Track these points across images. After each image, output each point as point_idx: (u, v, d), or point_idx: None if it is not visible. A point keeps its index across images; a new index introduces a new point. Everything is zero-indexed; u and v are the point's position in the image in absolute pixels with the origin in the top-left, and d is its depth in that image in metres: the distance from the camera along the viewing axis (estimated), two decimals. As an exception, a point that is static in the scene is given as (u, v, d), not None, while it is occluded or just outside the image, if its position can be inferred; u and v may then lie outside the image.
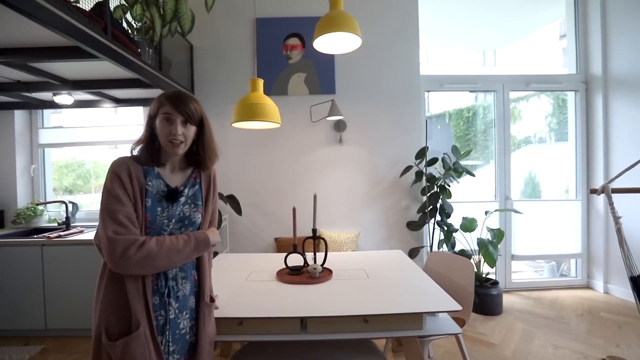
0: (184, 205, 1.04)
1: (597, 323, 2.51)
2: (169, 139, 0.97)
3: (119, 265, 0.87)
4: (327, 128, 2.98)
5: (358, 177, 3.00)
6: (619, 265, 2.99)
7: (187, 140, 1.01)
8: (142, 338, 0.91)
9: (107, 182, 0.93)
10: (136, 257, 0.87)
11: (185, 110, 0.98)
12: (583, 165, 3.23)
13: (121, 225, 0.89)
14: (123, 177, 0.93)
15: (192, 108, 1.00)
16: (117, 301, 0.92)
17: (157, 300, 0.98)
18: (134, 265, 0.88)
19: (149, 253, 0.89)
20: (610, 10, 3.00)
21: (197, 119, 1.02)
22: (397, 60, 3.01)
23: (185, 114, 0.98)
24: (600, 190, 1.55)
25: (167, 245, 0.93)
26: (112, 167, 0.95)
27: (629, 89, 2.87)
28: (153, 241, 0.91)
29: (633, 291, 1.50)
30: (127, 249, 0.87)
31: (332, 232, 2.90)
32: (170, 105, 0.97)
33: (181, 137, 0.98)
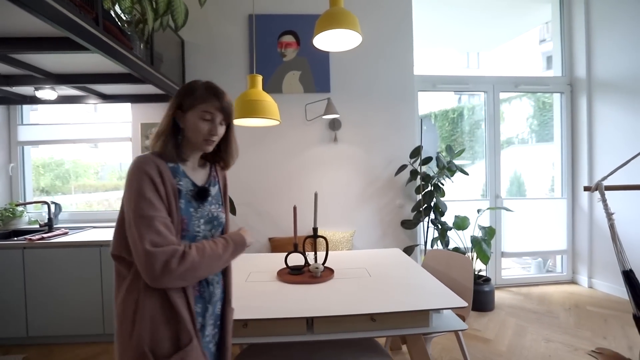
0: (211, 205, 0.96)
1: (584, 316, 2.60)
2: (205, 137, 0.90)
3: (159, 280, 0.76)
4: (322, 127, 2.96)
5: (353, 175, 3.00)
6: (602, 261, 3.11)
7: (219, 138, 0.95)
8: (197, 350, 0.84)
9: (134, 184, 0.80)
10: (179, 271, 0.77)
11: (227, 110, 0.93)
12: (568, 164, 3.34)
13: (158, 234, 0.77)
14: (154, 177, 0.81)
15: (231, 108, 0.95)
16: (160, 316, 0.81)
17: (200, 307, 0.90)
18: (176, 279, 0.78)
19: (192, 264, 0.79)
20: (594, 16, 3.11)
21: (231, 118, 0.97)
22: (391, 60, 3.02)
23: (226, 115, 0.94)
24: (594, 188, 1.59)
25: (208, 253, 0.84)
26: (138, 165, 0.82)
27: (611, 91, 2.98)
28: (194, 250, 0.81)
29: (625, 284, 1.55)
30: (167, 262, 0.76)
31: (327, 231, 2.88)
32: (214, 103, 0.90)
33: (217, 137, 0.93)
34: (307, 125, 2.95)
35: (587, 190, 1.60)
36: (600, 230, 3.11)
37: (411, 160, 2.90)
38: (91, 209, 3.21)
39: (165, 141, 0.88)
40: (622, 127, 2.90)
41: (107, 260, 2.25)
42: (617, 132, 2.95)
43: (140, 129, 2.87)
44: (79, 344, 2.29)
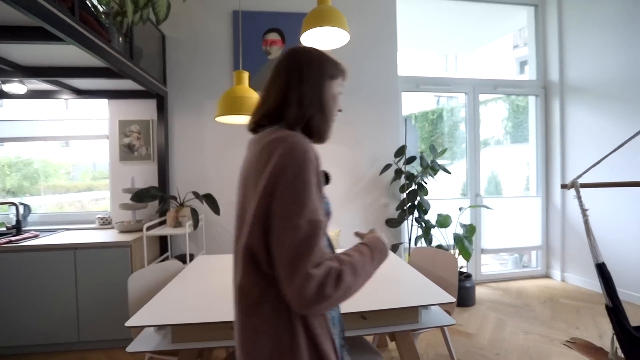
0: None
1: (558, 309, 2.72)
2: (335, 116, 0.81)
3: (309, 308, 0.59)
4: (307, 126, 2.95)
5: (338, 174, 3.01)
6: (574, 256, 3.27)
7: None
8: None
9: (302, 176, 0.60)
10: (334, 297, 0.59)
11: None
12: (542, 164, 3.49)
13: (319, 249, 0.59)
14: (318, 168, 0.64)
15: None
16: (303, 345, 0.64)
17: (336, 331, 0.74)
18: (328, 306, 0.60)
19: (347, 287, 0.61)
20: (566, 23, 3.27)
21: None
22: (376, 60, 3.05)
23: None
24: (570, 185, 1.67)
25: (359, 271, 0.65)
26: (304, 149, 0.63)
27: (582, 95, 3.15)
28: (347, 269, 0.62)
29: (598, 276, 1.63)
30: (323, 286, 0.58)
31: (312, 231, 2.87)
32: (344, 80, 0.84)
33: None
34: (293, 124, 2.93)
35: (564, 187, 1.68)
36: (572, 227, 3.28)
37: (395, 159, 2.95)
38: (63, 211, 3.04)
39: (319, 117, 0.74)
40: (592, 129, 3.06)
41: (82, 263, 2.14)
42: (587, 133, 3.11)
43: (118, 127, 2.75)
44: (52, 353, 2.17)
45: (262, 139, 0.70)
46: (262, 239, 0.62)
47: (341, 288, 0.60)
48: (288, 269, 0.58)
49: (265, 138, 0.68)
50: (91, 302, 2.15)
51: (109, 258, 2.16)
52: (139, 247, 2.27)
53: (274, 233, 0.60)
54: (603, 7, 2.95)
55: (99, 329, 2.17)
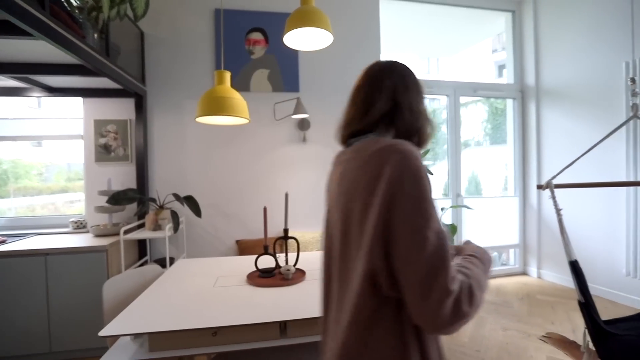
0: None
1: (534, 305, 2.82)
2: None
3: (446, 325, 0.53)
4: (291, 126, 2.93)
5: (322, 175, 3.00)
6: (549, 253, 3.40)
7: None
8: None
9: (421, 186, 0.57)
10: (469, 314, 0.55)
11: None
12: (520, 165, 3.61)
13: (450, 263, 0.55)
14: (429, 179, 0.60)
15: None
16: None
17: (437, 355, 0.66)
18: (463, 324, 0.55)
19: (478, 304, 0.57)
20: (541, 30, 3.40)
21: None
22: (359, 61, 3.07)
23: None
24: (545, 186, 1.73)
25: (482, 284, 0.61)
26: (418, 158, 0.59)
27: (557, 98, 3.27)
28: (474, 283, 0.58)
29: (572, 273, 1.69)
30: (459, 302, 0.53)
31: (296, 232, 2.85)
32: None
33: None
34: (276, 124, 2.90)
35: (540, 188, 1.73)
36: (547, 226, 3.40)
37: (379, 160, 2.97)
38: (34, 214, 2.90)
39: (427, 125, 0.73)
40: (566, 132, 3.19)
41: (54, 270, 2.04)
42: (561, 136, 3.24)
43: (94, 126, 2.64)
44: (20, 365, 2.06)
45: (363, 149, 0.65)
46: (384, 260, 0.57)
47: (474, 303, 0.56)
48: (422, 287, 0.53)
49: (370, 147, 0.63)
50: (64, 311, 2.06)
51: (83, 264, 2.07)
52: (116, 251, 2.19)
53: (398, 250, 0.55)
54: (575, 15, 3.08)
55: (72, 338, 2.07)
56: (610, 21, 2.80)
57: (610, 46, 2.80)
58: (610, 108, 2.82)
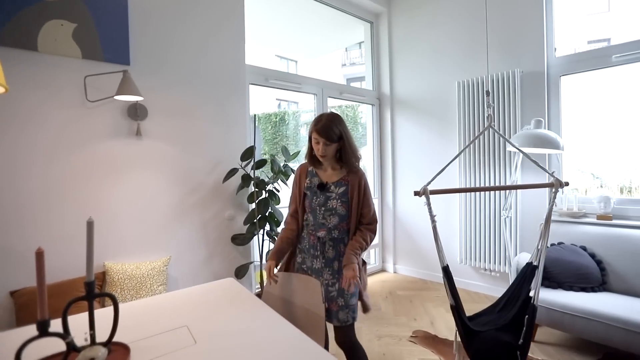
0: (333, 199, 1.47)
1: (397, 302, 2.94)
2: (317, 154, 1.45)
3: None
4: (116, 113, 2.05)
5: (165, 183, 2.24)
6: (402, 249, 3.71)
7: (328, 154, 1.44)
8: None
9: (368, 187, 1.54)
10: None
11: (326, 135, 1.40)
12: (378, 167, 3.82)
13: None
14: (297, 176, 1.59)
15: (331, 134, 1.40)
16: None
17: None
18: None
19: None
20: (394, 46, 3.68)
21: (336, 139, 1.42)
22: (221, 41, 2.48)
23: (322, 135, 1.40)
24: (421, 192, 1.64)
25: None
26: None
27: (407, 108, 3.60)
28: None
29: (444, 277, 1.66)
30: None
31: (126, 265, 2.01)
32: (316, 133, 1.41)
33: (323, 152, 1.42)
34: (89, 108, 1.96)
35: (417, 195, 1.63)
36: (401, 224, 3.71)
37: (242, 163, 2.46)
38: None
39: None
40: (414, 138, 3.54)
41: None
42: (411, 142, 3.57)
43: None
44: None
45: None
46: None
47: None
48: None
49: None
50: None
51: None
52: None
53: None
54: (419, 37, 3.44)
55: None
56: (447, 45, 3.23)
57: (447, 67, 3.23)
58: (447, 119, 3.25)
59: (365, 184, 1.50)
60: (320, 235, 1.49)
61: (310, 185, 1.52)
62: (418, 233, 3.55)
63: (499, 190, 2.78)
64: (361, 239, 1.46)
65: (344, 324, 1.49)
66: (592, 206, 2.56)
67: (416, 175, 3.54)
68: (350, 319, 1.49)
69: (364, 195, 1.49)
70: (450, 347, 2.20)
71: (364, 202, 1.49)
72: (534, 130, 2.20)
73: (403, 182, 3.67)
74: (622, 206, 2.49)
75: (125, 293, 1.94)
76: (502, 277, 2.95)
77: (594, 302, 1.99)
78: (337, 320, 1.49)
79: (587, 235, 2.40)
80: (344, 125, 1.45)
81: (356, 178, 1.48)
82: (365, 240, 1.48)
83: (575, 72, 2.68)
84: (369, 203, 1.51)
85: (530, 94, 2.77)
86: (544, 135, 2.13)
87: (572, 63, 2.68)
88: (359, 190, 1.48)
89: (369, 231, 1.50)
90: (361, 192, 1.48)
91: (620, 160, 2.68)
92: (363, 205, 1.49)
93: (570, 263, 2.23)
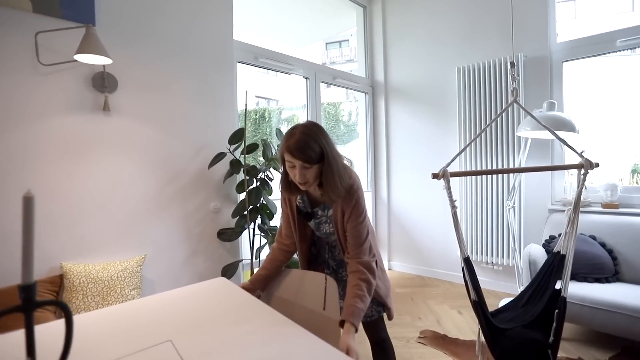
0: (325, 223, 1.20)
1: (398, 300, 2.74)
2: (295, 181, 1.07)
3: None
4: (79, 82, 1.70)
5: (139, 169, 1.91)
6: (397, 244, 3.53)
7: (309, 180, 1.06)
8: None
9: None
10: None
11: (303, 156, 1.01)
12: (372, 159, 3.62)
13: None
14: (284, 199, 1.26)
15: (309, 153, 1.01)
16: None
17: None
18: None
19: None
20: (388, 31, 3.49)
21: (316, 158, 1.03)
22: (206, 9, 2.17)
23: (303, 159, 1.01)
24: (440, 175, 1.44)
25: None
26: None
27: (402, 96, 3.42)
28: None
29: (465, 270, 1.47)
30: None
31: (90, 266, 1.66)
32: (289, 154, 1.02)
33: (302, 179, 1.04)
34: (43, 74, 1.61)
35: (435, 177, 1.43)
36: (396, 217, 3.52)
37: (231, 147, 2.17)
38: None
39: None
40: (410, 127, 3.37)
41: None
42: (406, 131, 3.40)
43: None
44: None
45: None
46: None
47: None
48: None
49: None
50: None
51: None
52: None
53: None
54: (416, 22, 3.27)
55: None
56: (445, 31, 3.08)
57: (445, 52, 3.08)
58: (445, 107, 3.10)
59: (354, 206, 1.12)
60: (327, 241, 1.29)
61: (303, 206, 1.21)
62: (414, 227, 3.39)
63: (524, 172, 2.61)
64: (357, 291, 1.07)
65: (370, 319, 1.28)
66: (598, 195, 2.48)
67: (411, 166, 3.37)
68: (375, 313, 1.28)
69: (349, 220, 1.12)
70: (462, 347, 2.03)
71: (349, 230, 1.13)
72: (547, 113, 2.07)
73: (398, 174, 3.49)
74: (628, 194, 2.42)
75: (88, 300, 1.60)
76: (505, 270, 2.82)
77: (613, 293, 1.87)
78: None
79: (595, 224, 2.31)
80: (326, 137, 1.06)
81: (342, 201, 1.12)
82: (362, 292, 1.07)
83: (578, 57, 2.60)
84: (357, 231, 1.13)
85: (534, 80, 2.66)
86: (560, 118, 2.00)
87: (575, 48, 2.60)
88: (342, 215, 1.13)
89: (361, 278, 1.08)
90: (345, 218, 1.13)
91: (625, 147, 2.63)
92: (348, 233, 1.13)
93: (584, 253, 2.11)
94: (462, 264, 1.53)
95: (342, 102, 9.12)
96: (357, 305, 1.03)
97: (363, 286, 1.08)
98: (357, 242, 1.13)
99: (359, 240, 1.13)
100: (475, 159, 2.87)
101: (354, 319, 1.01)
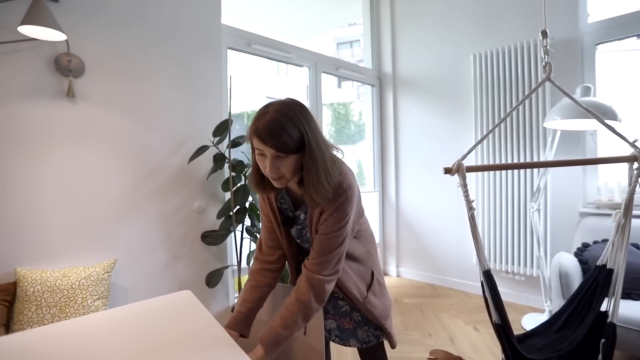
0: (306, 228, 0.97)
1: (406, 313, 2.45)
2: (266, 174, 0.84)
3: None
4: (38, 64, 1.51)
5: (111, 164, 1.71)
6: (406, 249, 3.24)
7: (285, 174, 0.82)
8: None
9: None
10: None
11: (275, 141, 0.76)
12: (379, 157, 3.35)
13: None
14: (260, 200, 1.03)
15: (284, 137, 0.76)
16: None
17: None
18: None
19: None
20: (397, 20, 3.22)
21: (293, 146, 0.78)
22: (183, -15, 1.96)
23: (276, 147, 0.77)
24: (455, 169, 1.17)
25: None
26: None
27: (412, 88, 3.14)
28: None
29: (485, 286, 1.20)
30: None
31: (48, 272, 1.46)
32: (258, 139, 0.78)
33: (274, 172, 0.81)
34: (-4, 55, 1.42)
35: (448, 172, 1.16)
36: (405, 220, 3.24)
37: (214, 139, 1.94)
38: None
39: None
40: (420, 122, 3.08)
41: None
42: (416, 126, 3.12)
43: None
44: None
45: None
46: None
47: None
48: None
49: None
50: None
51: None
52: None
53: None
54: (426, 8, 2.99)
55: None
56: (458, 15, 2.79)
57: (460, 38, 2.79)
58: (459, 99, 2.81)
59: (337, 209, 0.87)
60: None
61: (285, 207, 1.00)
62: (425, 231, 3.09)
63: (556, 166, 2.26)
64: (287, 314, 0.87)
65: (367, 345, 1.06)
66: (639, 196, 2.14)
67: (422, 164, 3.08)
68: (372, 338, 1.06)
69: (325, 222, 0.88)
70: (480, 373, 1.73)
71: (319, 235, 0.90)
72: (582, 99, 1.76)
73: (407, 173, 3.20)
74: (677, 195, 2.06)
75: (43, 312, 1.39)
76: (528, 281, 2.50)
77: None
78: (357, 341, 1.05)
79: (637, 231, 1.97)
80: (308, 120, 0.82)
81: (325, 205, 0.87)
82: (293, 317, 0.86)
83: (613, 39, 2.28)
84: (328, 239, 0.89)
85: (561, 65, 2.34)
86: (600, 104, 1.69)
87: (610, 29, 2.27)
88: (319, 215, 0.89)
89: (299, 299, 0.87)
90: (322, 220, 0.89)
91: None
92: (317, 237, 0.90)
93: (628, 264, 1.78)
94: (482, 277, 1.26)
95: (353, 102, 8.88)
96: (279, 331, 0.85)
97: (297, 310, 0.86)
98: (322, 251, 0.89)
99: (326, 250, 0.88)
100: (493, 155, 2.56)
101: (269, 346, 0.83)
